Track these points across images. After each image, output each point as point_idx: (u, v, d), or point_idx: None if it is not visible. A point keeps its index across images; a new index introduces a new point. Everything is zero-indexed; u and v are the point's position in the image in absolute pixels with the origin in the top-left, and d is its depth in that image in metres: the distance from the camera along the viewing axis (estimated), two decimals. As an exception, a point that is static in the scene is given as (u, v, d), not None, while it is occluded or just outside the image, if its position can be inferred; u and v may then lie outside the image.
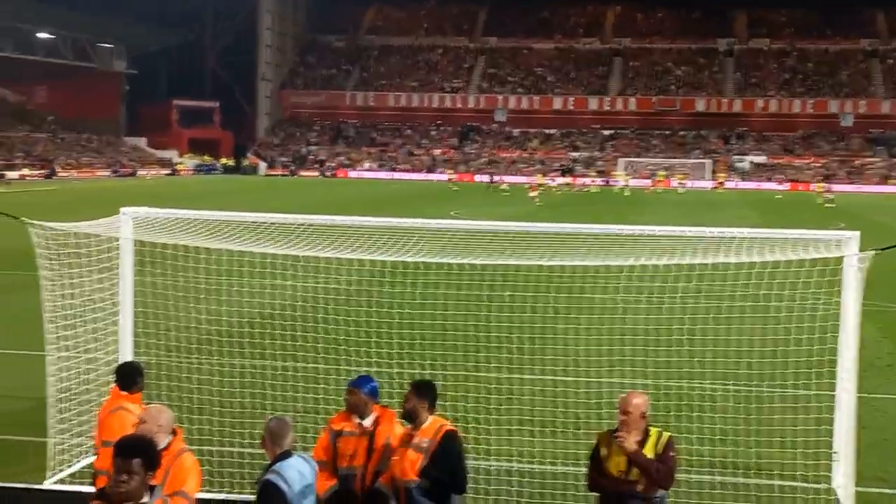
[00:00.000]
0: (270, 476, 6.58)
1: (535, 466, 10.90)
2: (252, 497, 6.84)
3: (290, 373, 13.07)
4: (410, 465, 7.28)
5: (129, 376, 8.46)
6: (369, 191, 70.20)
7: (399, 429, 7.57)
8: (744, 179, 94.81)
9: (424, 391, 7.51)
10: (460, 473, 7.39)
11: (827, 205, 61.53)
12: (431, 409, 7.47)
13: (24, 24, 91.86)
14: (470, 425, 11.23)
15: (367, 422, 7.52)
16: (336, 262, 12.64)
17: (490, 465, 10.59)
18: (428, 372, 13.02)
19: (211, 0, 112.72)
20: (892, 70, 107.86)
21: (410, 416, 7.46)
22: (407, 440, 7.39)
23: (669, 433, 7.43)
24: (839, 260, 9.55)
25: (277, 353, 13.38)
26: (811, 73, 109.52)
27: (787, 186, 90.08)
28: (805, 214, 52.41)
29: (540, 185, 67.86)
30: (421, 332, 14.25)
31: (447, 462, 7.28)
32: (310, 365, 13.10)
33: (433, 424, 7.40)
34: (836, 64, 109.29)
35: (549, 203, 59.70)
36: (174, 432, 6.88)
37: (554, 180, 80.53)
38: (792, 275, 11.20)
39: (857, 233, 9.53)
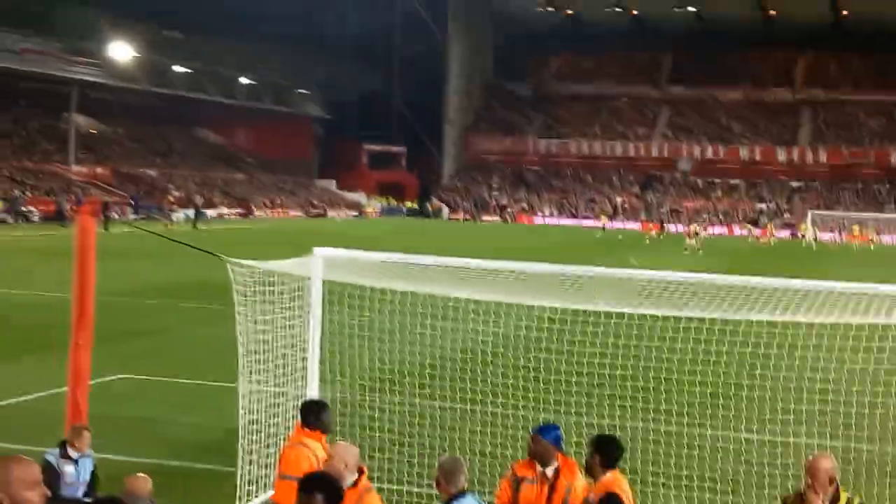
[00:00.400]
0: None
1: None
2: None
3: (468, 415, 13.21)
4: None
5: (310, 413, 8.70)
6: (549, 237, 70.16)
7: (581, 480, 7.50)
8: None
9: (599, 446, 7.43)
10: None
11: None
12: (605, 465, 7.34)
13: (227, 70, 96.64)
14: (649, 479, 11.04)
15: (549, 471, 7.47)
16: (516, 306, 12.71)
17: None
18: (606, 421, 12.91)
19: (401, 48, 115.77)
20: None
21: (588, 470, 7.41)
22: (585, 495, 7.34)
23: (861, 500, 7.12)
24: None
25: (456, 395, 13.53)
26: None
27: None
28: None
29: (695, 233, 65.62)
30: (599, 381, 14.13)
31: None
32: (488, 409, 13.19)
33: (604, 482, 7.28)
34: None
35: (734, 254, 58.23)
36: (360, 470, 7.04)
37: (707, 229, 77.24)
38: None
39: None
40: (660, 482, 11.24)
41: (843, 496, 7.06)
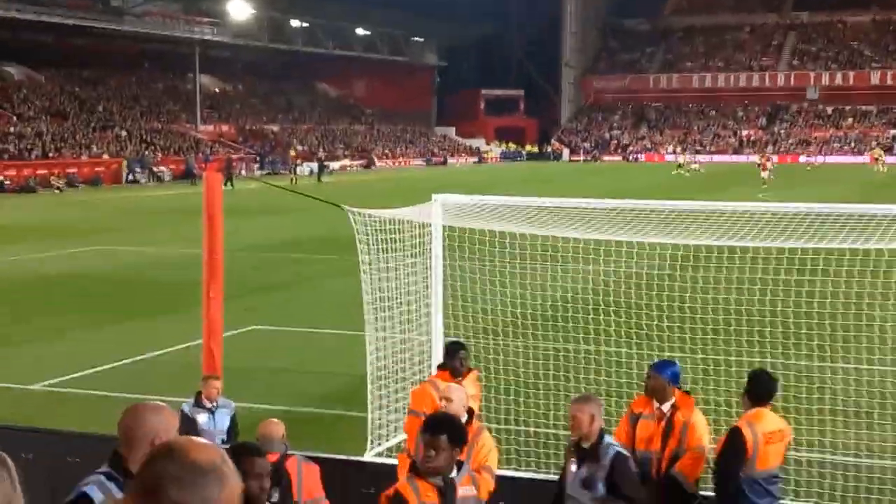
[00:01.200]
0: (616, 448, 6.77)
1: (850, 459, 10.45)
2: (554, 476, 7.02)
3: (592, 356, 13.22)
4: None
5: (444, 354, 9.01)
6: (671, 174, 68.96)
7: (699, 416, 7.50)
8: None
9: (749, 380, 7.46)
10: (724, 475, 7.26)
11: None
12: (752, 400, 7.30)
13: (343, 22, 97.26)
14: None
15: (665, 406, 7.46)
16: (638, 245, 12.62)
17: (801, 457, 10.25)
18: (733, 358, 12.75)
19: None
20: None
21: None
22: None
23: None
24: None
25: (580, 336, 13.54)
26: None
27: None
28: None
29: (762, 164, 61.82)
30: (725, 317, 13.95)
31: (721, 460, 7.29)
32: (612, 349, 13.18)
33: (743, 417, 7.30)
34: None
35: (870, 183, 56.22)
36: (469, 411, 7.19)
37: (770, 160, 72.11)
38: None
39: None
40: (791, 417, 11.07)
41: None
